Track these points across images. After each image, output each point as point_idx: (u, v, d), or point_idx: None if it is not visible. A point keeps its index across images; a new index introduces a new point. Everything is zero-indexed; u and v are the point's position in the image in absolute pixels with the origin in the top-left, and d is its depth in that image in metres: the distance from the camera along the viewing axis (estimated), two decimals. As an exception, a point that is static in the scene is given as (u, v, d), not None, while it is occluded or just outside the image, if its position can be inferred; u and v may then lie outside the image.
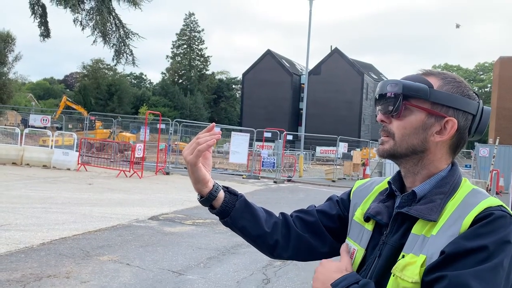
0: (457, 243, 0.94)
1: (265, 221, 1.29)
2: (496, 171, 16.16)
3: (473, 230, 0.95)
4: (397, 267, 1.01)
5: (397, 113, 1.07)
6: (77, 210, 8.75)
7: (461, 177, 1.10)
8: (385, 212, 1.13)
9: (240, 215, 1.27)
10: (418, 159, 1.10)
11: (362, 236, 1.18)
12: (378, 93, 1.12)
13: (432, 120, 1.07)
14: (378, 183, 1.30)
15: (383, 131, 1.12)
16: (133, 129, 37.80)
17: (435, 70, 1.13)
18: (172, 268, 5.56)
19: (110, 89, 63.74)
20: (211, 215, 6.60)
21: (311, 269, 5.65)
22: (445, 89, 1.07)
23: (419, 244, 1.01)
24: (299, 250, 1.32)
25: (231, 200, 1.27)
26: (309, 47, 25.58)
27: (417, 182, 1.11)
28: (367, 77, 51.12)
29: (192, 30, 71.91)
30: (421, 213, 1.03)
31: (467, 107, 1.07)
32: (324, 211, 1.34)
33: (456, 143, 1.10)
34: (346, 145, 29.69)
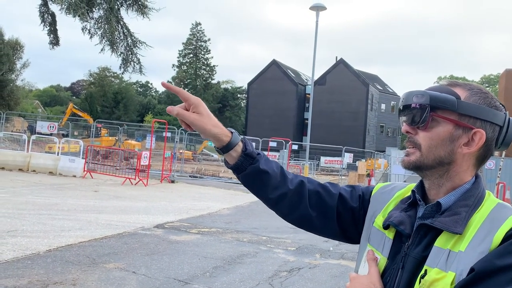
0: (487, 261, 0.92)
1: (275, 188, 1.25)
2: (502, 184, 16.05)
3: (504, 247, 0.93)
4: (423, 284, 0.99)
5: (424, 124, 1.06)
6: (83, 217, 8.77)
7: (485, 190, 1.09)
8: (408, 222, 1.11)
9: (248, 179, 1.25)
10: (444, 171, 1.08)
11: (384, 244, 1.15)
12: (403, 104, 1.10)
13: (459, 131, 1.05)
14: (399, 188, 1.27)
15: (409, 142, 1.10)
16: (139, 137, 37.92)
17: (460, 81, 1.11)
18: (178, 277, 5.55)
19: (116, 97, 64.12)
20: (216, 224, 6.66)
21: (318, 280, 5.61)
22: (472, 100, 1.06)
23: (444, 259, 0.99)
24: (299, 223, 1.32)
25: (245, 163, 1.22)
26: (315, 58, 25.67)
27: (440, 194, 1.09)
28: (372, 88, 51.12)
29: (198, 39, 72.35)
30: (446, 225, 1.01)
31: (495, 119, 1.06)
32: (345, 199, 1.30)
33: (483, 155, 1.09)
34: (351, 155, 29.64)
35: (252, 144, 1.25)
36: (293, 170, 23.88)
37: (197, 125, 1.17)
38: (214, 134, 1.18)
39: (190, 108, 1.18)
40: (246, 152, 1.21)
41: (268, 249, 7.49)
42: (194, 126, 1.17)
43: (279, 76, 52.77)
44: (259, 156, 1.24)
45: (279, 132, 43.76)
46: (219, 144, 1.20)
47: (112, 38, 18.65)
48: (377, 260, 1.14)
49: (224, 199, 13.68)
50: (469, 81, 1.13)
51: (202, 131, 1.17)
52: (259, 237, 8.36)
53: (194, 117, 1.17)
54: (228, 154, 1.21)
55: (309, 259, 6.99)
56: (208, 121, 1.17)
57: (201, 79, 72.71)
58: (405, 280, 1.04)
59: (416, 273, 1.02)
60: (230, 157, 1.22)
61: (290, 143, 22.12)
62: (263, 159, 1.24)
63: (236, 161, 1.22)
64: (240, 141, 1.22)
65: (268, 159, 1.27)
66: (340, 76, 50.00)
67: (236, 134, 1.21)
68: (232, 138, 1.20)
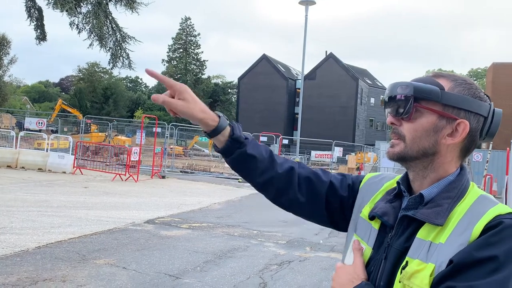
0: (466, 253, 0.93)
1: (262, 172, 1.27)
2: (489, 176, 16.27)
3: (482, 239, 0.93)
4: (404, 275, 0.99)
5: (408, 115, 1.05)
6: (73, 214, 8.73)
7: (469, 182, 1.08)
8: (391, 213, 1.11)
9: (236, 163, 1.26)
10: (428, 162, 1.07)
11: (370, 234, 1.16)
12: (388, 95, 1.09)
13: (443, 122, 1.05)
14: (388, 179, 1.27)
15: (394, 133, 1.10)
16: (129, 132, 37.72)
17: (445, 72, 1.11)
18: (168, 271, 5.57)
19: (106, 92, 63.64)
20: (207, 219, 6.67)
21: (308, 272, 5.66)
22: (456, 91, 1.05)
23: (426, 250, 0.99)
24: (287, 207, 1.34)
25: (232, 147, 1.23)
26: (305, 52, 25.68)
27: (424, 185, 1.09)
28: (362, 82, 51.32)
29: (188, 34, 71.94)
30: (428, 217, 1.01)
31: (479, 109, 1.05)
32: (335, 187, 1.31)
33: (467, 146, 1.08)
34: (341, 149, 29.77)
35: (240, 129, 1.25)
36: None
37: (184, 111, 1.16)
38: (201, 119, 1.18)
39: (176, 95, 1.18)
40: (233, 137, 1.22)
41: (259, 242, 7.54)
42: (181, 113, 1.17)
43: (270, 71, 52.74)
44: (247, 140, 1.25)
45: (269, 126, 43.80)
46: (207, 129, 1.21)
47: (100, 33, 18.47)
48: (363, 250, 1.15)
49: (215, 194, 13.70)
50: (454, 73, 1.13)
51: (190, 117, 1.18)
52: (250, 231, 8.39)
53: (180, 103, 1.16)
54: (215, 138, 1.22)
55: (299, 252, 7.05)
56: (195, 106, 1.17)
57: (191, 74, 72.38)
58: (387, 270, 1.05)
59: (398, 264, 1.03)
60: (218, 141, 1.24)
61: (280, 138, 22.16)
62: (251, 143, 1.25)
63: (223, 145, 1.23)
64: (228, 125, 1.22)
65: (257, 143, 1.28)
66: (329, 70, 50.11)
67: (223, 118, 1.22)
68: (220, 122, 1.20)
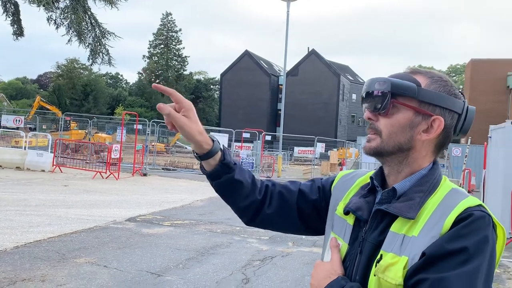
0: (438, 245, 0.95)
1: (245, 197, 1.29)
2: (468, 170, 16.60)
3: (453, 231, 0.95)
4: (379, 268, 1.01)
5: (385, 111, 1.07)
6: (52, 212, 8.59)
7: (441, 176, 1.10)
8: (365, 208, 1.13)
9: (221, 187, 1.27)
10: (403, 157, 1.09)
11: (345, 230, 1.18)
12: (366, 90, 1.10)
13: (419, 118, 1.06)
14: (360, 175, 1.29)
15: (370, 128, 1.11)
16: (109, 129, 37.26)
17: (422, 69, 1.12)
18: (150, 269, 5.53)
19: (86, 89, 62.71)
20: (189, 216, 6.62)
21: (291, 268, 5.69)
22: (432, 88, 1.07)
23: (399, 243, 1.01)
24: (263, 226, 1.37)
25: (220, 172, 1.23)
26: (287, 48, 25.75)
27: (399, 180, 1.11)
28: (343, 79, 51.72)
29: (169, 30, 71.32)
30: (400, 210, 1.03)
31: (453, 106, 1.07)
32: (305, 193, 1.33)
33: (441, 142, 1.10)
34: (324, 145, 29.96)
35: (230, 154, 1.26)
36: (267, 161, 24.01)
37: (185, 129, 1.16)
38: (198, 141, 1.18)
39: (181, 111, 1.17)
40: (224, 162, 1.22)
41: (242, 239, 7.54)
42: (182, 130, 1.16)
43: (252, 67, 52.71)
44: (235, 166, 1.25)
45: (252, 123, 43.79)
46: (199, 151, 1.20)
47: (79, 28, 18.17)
48: (339, 246, 1.17)
49: (198, 191, 13.64)
50: (434, 70, 1.15)
51: (188, 135, 1.17)
52: (232, 227, 8.39)
53: (184, 121, 1.15)
54: (206, 162, 1.22)
55: (282, 248, 7.08)
56: (195, 127, 1.17)
57: (173, 70, 71.83)
58: (363, 264, 1.07)
59: (373, 257, 1.05)
60: (207, 164, 1.23)
61: (263, 134, 22.18)
62: (238, 169, 1.26)
63: (212, 169, 1.23)
64: (220, 149, 1.22)
65: (242, 168, 1.29)
66: (312, 67, 50.35)
67: (217, 143, 1.22)
68: (213, 147, 1.20)
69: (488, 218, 0.98)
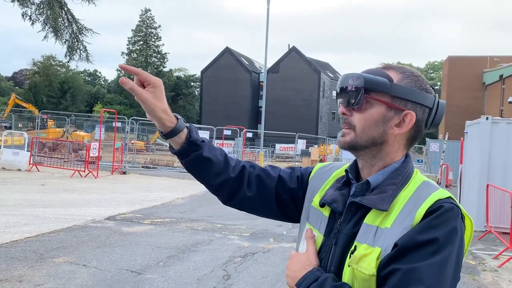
0: (409, 236, 0.98)
1: (216, 175, 1.29)
2: (445, 165, 16.93)
3: (424, 223, 0.98)
4: (353, 259, 1.03)
5: (359, 106, 1.09)
6: (29, 212, 8.42)
7: (413, 169, 1.14)
8: (340, 200, 1.15)
9: (191, 165, 1.27)
10: (377, 151, 1.12)
11: (321, 222, 1.20)
12: (340, 86, 1.13)
13: (391, 113, 1.09)
14: (337, 168, 1.32)
15: (345, 123, 1.13)
16: (88, 128, 36.70)
17: (394, 64, 1.15)
18: (130, 268, 5.47)
19: (63, 86, 61.49)
20: (170, 214, 6.59)
21: (272, 263, 5.70)
22: (404, 83, 1.10)
23: (372, 235, 1.03)
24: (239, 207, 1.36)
25: (188, 150, 1.24)
26: (267, 45, 25.77)
27: (372, 173, 1.13)
28: (324, 76, 52.05)
29: (148, 26, 70.49)
30: (373, 202, 1.06)
31: (425, 101, 1.10)
32: (284, 181, 1.34)
33: (413, 136, 1.13)
34: (305, 142, 30.16)
35: (197, 132, 1.26)
36: (248, 158, 24.01)
37: (147, 105, 1.16)
38: (159, 118, 1.18)
39: (148, 87, 1.17)
40: (190, 139, 1.23)
41: (223, 236, 7.53)
42: (144, 104, 1.16)
43: (233, 64, 52.54)
44: (203, 143, 1.25)
45: (233, 120, 43.72)
46: (163, 129, 1.20)
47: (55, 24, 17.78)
48: (315, 238, 1.19)
49: (178, 189, 13.56)
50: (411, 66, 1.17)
51: (149, 112, 1.17)
52: (213, 224, 8.37)
53: (146, 95, 1.15)
54: (172, 140, 1.23)
55: (263, 244, 7.10)
56: (159, 104, 1.17)
57: (152, 67, 71.06)
58: (337, 255, 1.09)
59: (347, 248, 1.07)
60: (174, 143, 1.24)
61: (244, 131, 22.18)
62: (207, 146, 1.26)
63: (180, 147, 1.24)
64: (186, 127, 1.23)
65: (213, 146, 1.29)
66: (292, 64, 50.49)
67: (181, 121, 1.22)
68: (177, 125, 1.20)
69: (457, 209, 1.02)
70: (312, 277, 1.08)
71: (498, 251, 7.33)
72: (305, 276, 1.09)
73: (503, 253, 7.06)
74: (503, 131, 9.08)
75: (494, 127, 9.10)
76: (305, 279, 1.09)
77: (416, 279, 0.93)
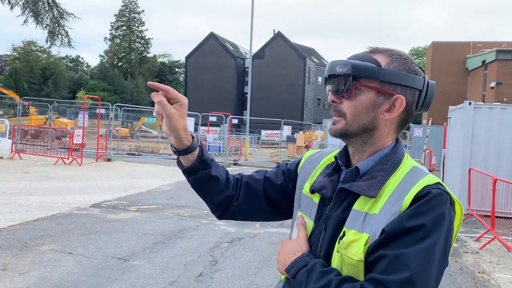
0: (397, 223, 0.98)
1: (220, 192, 1.31)
2: (429, 150, 17.17)
3: (412, 209, 0.98)
4: (341, 245, 1.03)
5: (348, 93, 1.08)
6: (13, 200, 8.30)
7: (403, 154, 1.13)
8: (329, 187, 1.15)
9: (198, 183, 1.29)
10: (368, 137, 1.11)
11: (311, 208, 1.20)
12: (328, 73, 1.11)
13: (381, 98, 1.08)
14: (326, 155, 1.32)
15: (335, 111, 1.12)
16: (71, 114, 36.17)
17: (381, 48, 1.13)
18: (117, 255, 5.46)
19: (45, 72, 60.32)
20: (156, 201, 6.56)
21: (258, 248, 5.74)
22: (392, 67, 1.08)
23: (361, 221, 1.03)
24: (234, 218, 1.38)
25: (198, 167, 1.25)
26: (252, 31, 25.55)
27: (363, 158, 1.13)
28: (309, 61, 52.01)
29: (131, 11, 69.32)
30: (362, 189, 1.06)
31: (414, 83, 1.09)
32: (270, 179, 1.36)
33: (404, 119, 1.12)
34: (290, 128, 30.19)
35: (207, 151, 1.28)
36: (234, 144, 23.99)
37: (172, 120, 1.15)
38: (179, 135, 1.18)
39: (174, 103, 1.17)
40: (202, 158, 1.24)
41: (209, 222, 7.55)
42: (169, 119, 1.15)
43: (218, 50, 52.11)
44: (212, 162, 1.27)
45: (219, 106, 43.55)
46: (178, 146, 1.21)
47: (35, 9, 17.38)
48: (306, 224, 1.19)
49: (165, 176, 13.50)
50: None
51: (172, 128, 1.17)
52: (200, 211, 8.38)
53: (173, 111, 1.15)
54: (184, 157, 1.23)
55: (249, 229, 7.14)
56: (182, 122, 1.18)
57: (136, 52, 70.12)
58: (327, 241, 1.10)
59: (336, 234, 1.08)
60: (185, 160, 1.24)
61: (230, 118, 22.09)
62: (215, 164, 1.28)
63: (190, 164, 1.24)
64: (198, 146, 1.24)
65: (218, 165, 1.30)
66: (278, 49, 50.30)
67: (196, 139, 1.23)
68: (193, 143, 1.21)
69: (445, 195, 1.02)
70: (301, 263, 1.09)
71: (479, 233, 7.51)
72: (295, 262, 1.10)
73: (484, 236, 7.23)
74: (485, 116, 9.21)
75: (476, 112, 9.23)
76: (294, 265, 1.09)
77: (403, 265, 0.93)
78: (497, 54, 30.51)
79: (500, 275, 5.57)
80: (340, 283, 0.99)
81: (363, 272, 1.00)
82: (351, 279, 1.00)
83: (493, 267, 5.87)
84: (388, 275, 0.94)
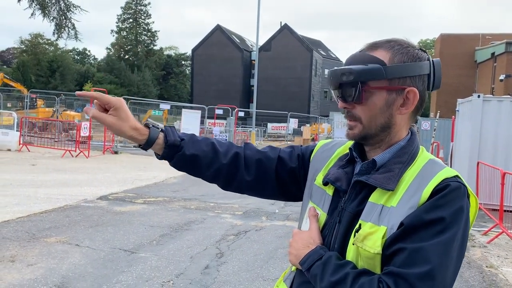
0: (415, 216, 0.97)
1: (207, 166, 1.29)
2: (436, 143, 17.05)
3: (431, 202, 0.97)
4: (358, 238, 1.02)
5: (359, 100, 1.06)
6: (21, 192, 8.37)
7: (418, 147, 1.12)
8: (344, 179, 1.14)
9: (179, 166, 1.28)
10: (386, 135, 1.10)
11: (324, 200, 1.19)
12: (333, 84, 1.10)
13: (393, 95, 1.07)
14: (339, 145, 1.30)
15: (349, 116, 1.11)
16: (78, 107, 36.30)
17: (379, 41, 1.10)
18: (123, 247, 5.48)
19: (52, 65, 60.53)
20: (163, 193, 6.58)
21: (264, 241, 5.74)
22: (396, 61, 1.06)
23: (378, 213, 1.02)
24: (240, 191, 1.36)
25: (170, 153, 1.25)
26: (259, 23, 25.44)
27: (379, 152, 1.12)
28: (316, 54, 51.70)
29: (138, 3, 69.21)
30: (379, 182, 1.04)
31: (421, 70, 1.07)
32: (284, 161, 1.34)
33: (418, 107, 1.11)
34: (297, 121, 30.13)
35: (174, 132, 1.26)
36: (241, 137, 23.99)
37: (113, 128, 1.17)
38: (130, 136, 1.19)
39: (110, 110, 1.17)
40: (168, 143, 1.23)
41: (216, 214, 7.56)
42: (110, 129, 1.18)
43: (224, 42, 51.94)
44: (183, 142, 1.25)
45: (225, 99, 43.48)
46: (138, 143, 1.22)
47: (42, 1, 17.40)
48: (318, 216, 1.18)
49: (171, 168, 13.21)
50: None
51: (119, 134, 1.19)
52: (206, 203, 8.39)
53: (110, 119, 1.16)
54: (153, 149, 1.24)
55: (255, 222, 7.14)
56: (126, 124, 1.17)
57: (142, 45, 70.13)
58: (341, 234, 1.08)
59: (351, 227, 1.06)
60: (156, 150, 1.25)
61: (236, 110, 22.07)
62: (188, 143, 1.26)
63: (162, 153, 1.25)
64: (161, 132, 1.22)
65: (196, 139, 1.28)
66: (284, 42, 50.02)
67: (154, 128, 1.22)
68: (150, 135, 1.21)
69: (463, 188, 1.01)
70: (315, 256, 1.07)
71: (487, 227, 7.46)
72: (309, 255, 1.09)
73: (492, 229, 7.18)
74: (494, 109, 9.11)
75: (485, 105, 9.12)
76: (308, 257, 1.08)
77: (422, 259, 0.92)
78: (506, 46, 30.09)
79: (508, 269, 5.53)
80: (357, 276, 0.98)
81: (380, 265, 0.99)
82: (367, 272, 0.99)
83: (501, 261, 5.83)
84: (407, 269, 0.93)
